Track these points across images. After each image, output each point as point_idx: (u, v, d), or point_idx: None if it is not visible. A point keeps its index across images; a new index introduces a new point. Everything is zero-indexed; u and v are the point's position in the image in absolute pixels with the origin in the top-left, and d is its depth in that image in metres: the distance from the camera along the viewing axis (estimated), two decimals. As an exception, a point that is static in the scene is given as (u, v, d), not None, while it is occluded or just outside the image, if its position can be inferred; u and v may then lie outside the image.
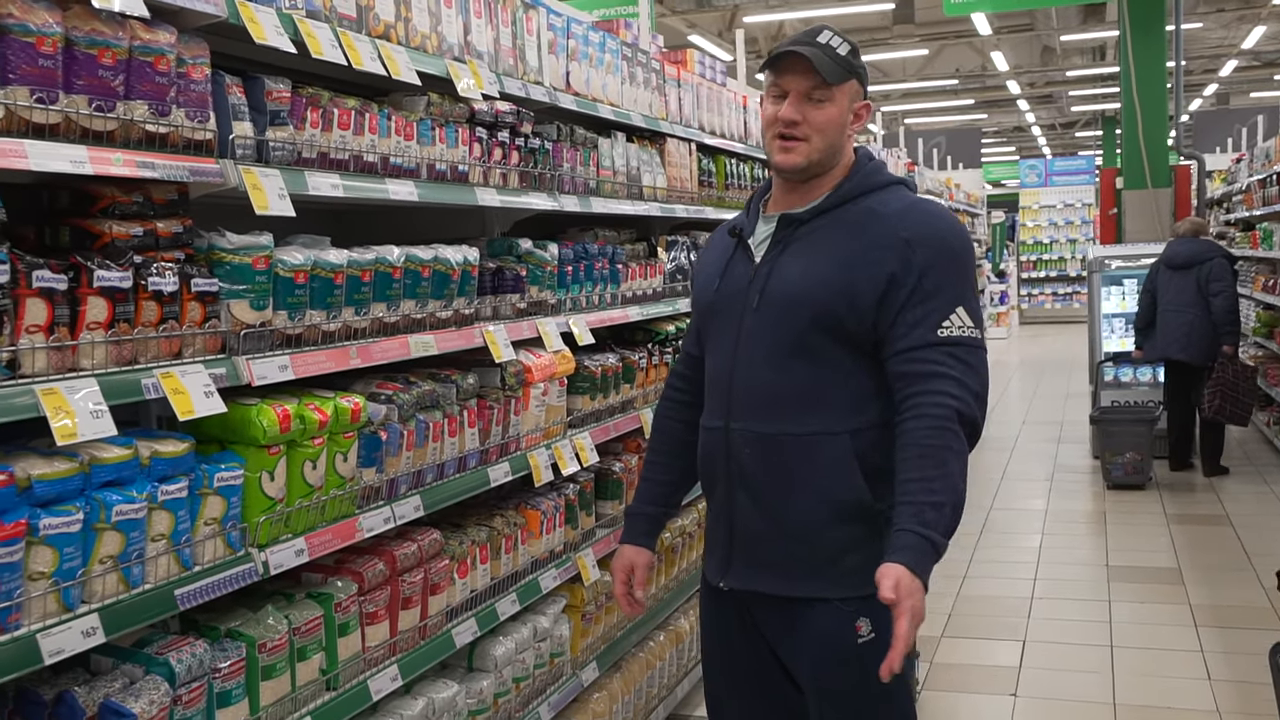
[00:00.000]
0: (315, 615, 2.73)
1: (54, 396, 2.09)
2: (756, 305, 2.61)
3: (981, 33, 18.97)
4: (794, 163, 2.61)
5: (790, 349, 2.57)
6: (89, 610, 2.16)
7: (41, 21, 2.12)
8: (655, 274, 4.61)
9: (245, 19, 2.50)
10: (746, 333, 2.63)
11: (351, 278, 2.83)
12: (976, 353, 2.52)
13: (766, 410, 2.59)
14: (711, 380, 2.74)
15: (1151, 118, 11.35)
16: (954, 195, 15.83)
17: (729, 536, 2.69)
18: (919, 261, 2.50)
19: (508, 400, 3.49)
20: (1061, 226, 26.81)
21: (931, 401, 2.45)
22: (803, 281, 2.57)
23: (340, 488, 2.78)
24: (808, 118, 2.59)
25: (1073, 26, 18.97)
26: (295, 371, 2.63)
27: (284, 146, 2.66)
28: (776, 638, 2.69)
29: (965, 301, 2.53)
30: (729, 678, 2.82)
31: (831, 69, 2.56)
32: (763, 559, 2.64)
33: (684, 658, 4.81)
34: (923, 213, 2.59)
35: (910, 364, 2.49)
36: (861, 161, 2.70)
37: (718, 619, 2.81)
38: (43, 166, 2.09)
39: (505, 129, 3.49)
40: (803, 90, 2.58)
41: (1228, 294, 8.92)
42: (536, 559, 3.68)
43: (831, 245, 2.58)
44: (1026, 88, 25.66)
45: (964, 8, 10.70)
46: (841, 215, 2.61)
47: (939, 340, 2.48)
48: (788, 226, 2.64)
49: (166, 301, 2.36)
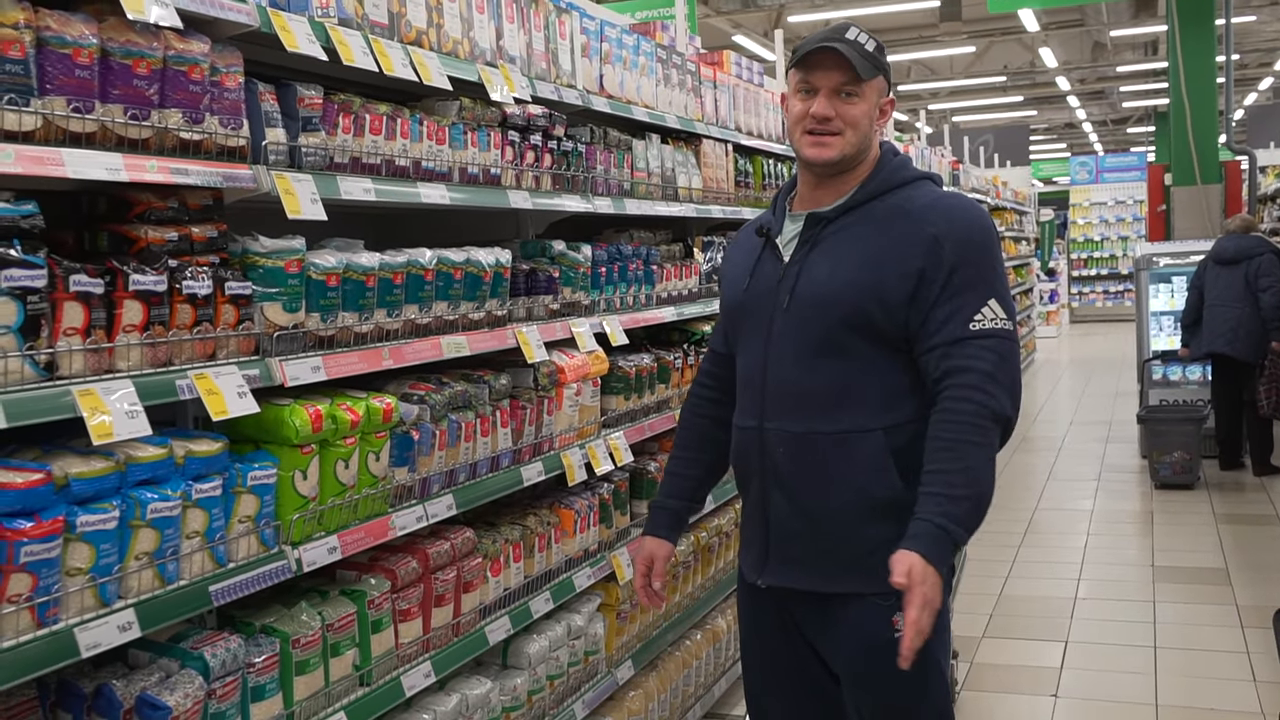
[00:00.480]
0: (349, 612, 2.78)
1: (90, 397, 2.15)
2: (787, 305, 2.64)
3: (1030, 29, 18.82)
4: (827, 157, 2.63)
5: (821, 348, 2.60)
6: (125, 605, 2.21)
7: (78, 33, 2.18)
8: (691, 274, 4.64)
9: (278, 28, 2.55)
10: (778, 332, 2.66)
11: (383, 280, 2.88)
12: (1008, 344, 2.54)
13: (799, 409, 2.63)
14: (743, 380, 2.77)
15: (1201, 113, 11.23)
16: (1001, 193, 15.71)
17: (765, 534, 2.72)
18: (948, 257, 2.53)
19: (540, 400, 3.53)
20: (1113, 224, 26.55)
21: (960, 396, 2.49)
22: (832, 281, 2.59)
23: (373, 486, 2.83)
24: (840, 113, 2.61)
25: (1124, 21, 18.75)
26: (328, 372, 2.68)
27: (316, 152, 2.71)
28: (814, 633, 2.72)
29: (996, 293, 2.55)
30: (768, 674, 2.85)
31: (863, 64, 2.59)
32: (799, 556, 2.68)
33: (721, 656, 4.83)
34: (949, 207, 2.61)
35: (943, 360, 2.52)
36: (886, 157, 2.73)
37: (756, 616, 2.84)
38: (79, 174, 2.15)
39: (538, 132, 3.53)
40: (834, 86, 2.61)
41: (1276, 289, 8.80)
42: (570, 557, 3.72)
43: (860, 243, 2.61)
44: (1077, 84, 25.40)
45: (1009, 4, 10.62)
46: (868, 212, 2.64)
47: (971, 334, 2.51)
48: (815, 225, 2.67)
49: (201, 304, 2.42)
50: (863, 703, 2.71)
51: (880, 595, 2.58)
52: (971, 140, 18.46)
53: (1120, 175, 26.82)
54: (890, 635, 2.58)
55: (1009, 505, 8.82)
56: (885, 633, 2.59)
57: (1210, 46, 11.36)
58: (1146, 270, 10.62)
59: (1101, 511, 8.59)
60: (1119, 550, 7.55)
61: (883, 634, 2.59)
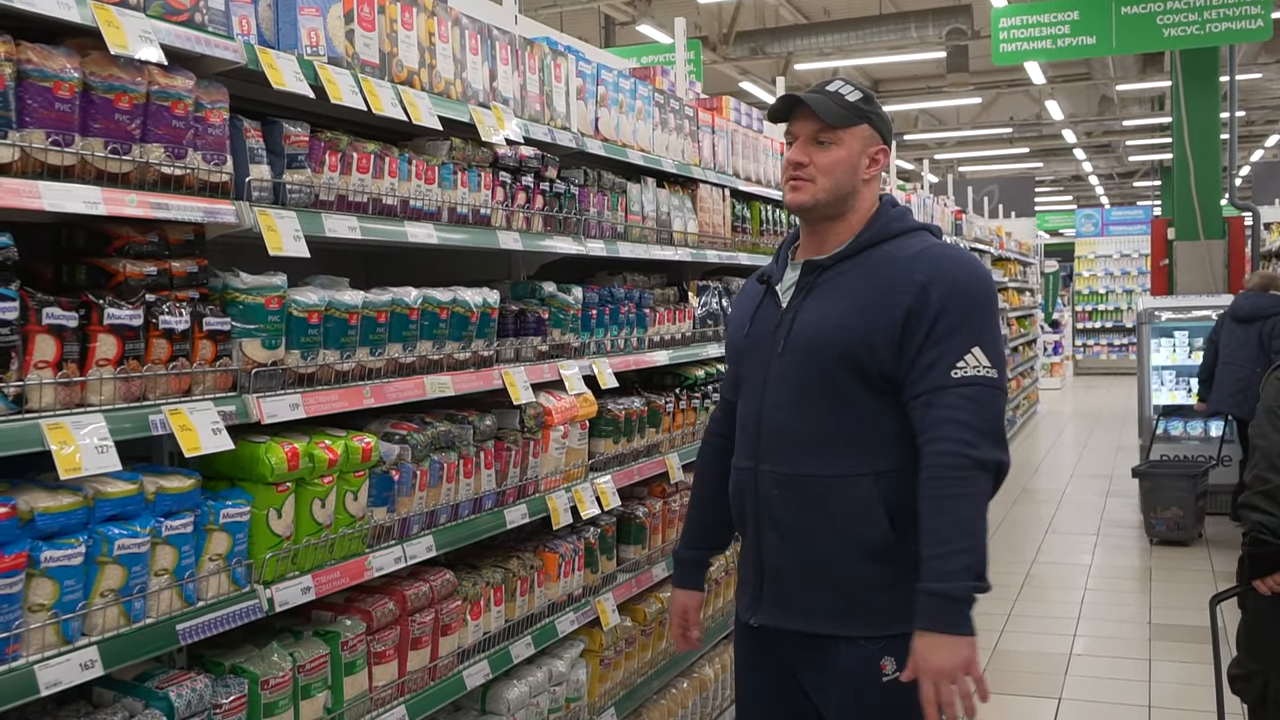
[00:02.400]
0: (321, 653, 2.74)
1: (60, 431, 2.13)
2: (781, 350, 2.69)
3: (1036, 81, 18.92)
4: (800, 200, 2.70)
5: (814, 392, 2.64)
6: (89, 643, 2.18)
7: (60, 67, 2.18)
8: (685, 319, 4.62)
9: (265, 65, 2.55)
10: (773, 376, 2.70)
11: (366, 318, 2.87)
12: (990, 392, 2.54)
13: (793, 452, 2.66)
14: (741, 422, 2.82)
15: (1204, 168, 11.22)
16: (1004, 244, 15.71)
17: (759, 574, 2.75)
18: (934, 304, 2.55)
19: (526, 442, 3.50)
20: (1118, 277, 26.54)
21: (940, 450, 2.50)
22: (822, 324, 2.64)
23: (350, 526, 2.80)
24: (814, 159, 2.68)
25: (1130, 76, 18.86)
26: (306, 410, 2.66)
27: (301, 189, 2.70)
28: (806, 675, 2.73)
29: (982, 342, 2.56)
30: (762, 715, 2.85)
31: (833, 113, 2.65)
32: (791, 596, 2.70)
33: (708, 705, 4.78)
34: (938, 256, 2.64)
35: (926, 409, 2.54)
36: (884, 208, 2.77)
37: (750, 655, 2.86)
38: (57, 207, 2.14)
39: (529, 173, 3.53)
40: (808, 134, 2.69)
41: None
42: (554, 602, 3.68)
43: (850, 290, 2.65)
44: (1083, 137, 25.51)
45: (1013, 57, 10.65)
46: (863, 260, 2.68)
47: (953, 382, 2.52)
48: (811, 272, 2.72)
49: (177, 340, 2.40)
50: None
51: (869, 639, 2.61)
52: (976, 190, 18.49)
53: (1126, 229, 26.84)
54: (879, 679, 2.60)
55: (1007, 558, 8.75)
56: (873, 676, 2.61)
57: (1214, 102, 11.38)
58: (1149, 324, 10.58)
59: (1100, 566, 8.52)
60: (1116, 607, 7.47)
61: (871, 677, 2.61)
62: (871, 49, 16.81)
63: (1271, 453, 3.56)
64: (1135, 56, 17.37)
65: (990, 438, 2.52)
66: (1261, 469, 3.57)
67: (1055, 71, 19.76)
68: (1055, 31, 10.43)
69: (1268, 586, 3.52)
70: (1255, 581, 3.56)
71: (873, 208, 2.75)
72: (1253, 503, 3.55)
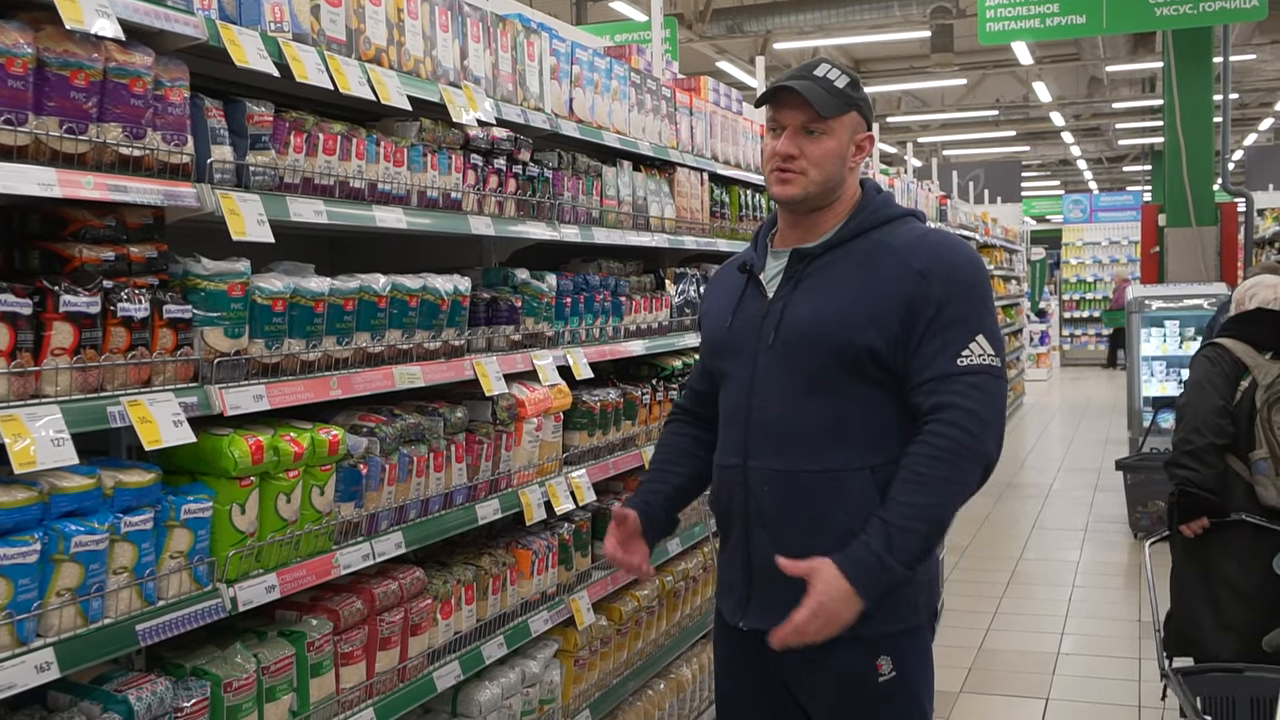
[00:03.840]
0: (286, 654, 2.66)
1: (13, 423, 2.04)
2: (771, 342, 2.62)
3: (1023, 62, 18.80)
4: (791, 194, 2.62)
5: (807, 385, 2.58)
6: (44, 644, 2.10)
7: (12, 42, 2.09)
8: (662, 307, 4.53)
9: (227, 41, 2.46)
10: (762, 369, 2.63)
11: (333, 306, 2.78)
12: (995, 381, 2.51)
13: (784, 447, 2.59)
14: (726, 417, 2.74)
15: (1196, 153, 11.09)
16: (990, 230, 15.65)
17: (747, 576, 2.68)
18: (935, 293, 2.50)
19: (499, 435, 3.42)
20: (1106, 264, 26.29)
21: (941, 431, 2.46)
22: (816, 317, 2.57)
23: (316, 522, 2.71)
24: (804, 151, 2.59)
25: (1120, 57, 18.68)
26: (271, 401, 2.57)
27: (265, 171, 2.61)
28: (794, 677, 2.67)
29: (984, 329, 2.52)
30: (746, 717, 2.79)
31: (827, 102, 2.57)
32: (782, 598, 2.58)
33: (686, 708, 4.69)
34: (934, 244, 2.59)
35: (930, 395, 2.50)
36: (869, 194, 2.70)
37: (735, 657, 2.79)
38: (9, 189, 2.05)
39: (502, 156, 3.43)
40: (798, 124, 2.59)
41: None
42: (527, 600, 3.60)
43: (844, 280, 2.59)
44: (1071, 119, 25.36)
45: (1001, 36, 10.51)
46: (852, 249, 2.62)
47: (959, 370, 2.48)
48: (799, 262, 2.65)
49: (136, 328, 2.31)
50: None
51: (863, 638, 2.55)
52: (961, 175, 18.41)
53: (1115, 215, 26.69)
54: (875, 678, 2.57)
55: (993, 555, 8.69)
56: (869, 675, 2.57)
57: (1208, 85, 11.25)
58: (1139, 313, 10.38)
59: (1088, 563, 8.43)
60: (1104, 604, 7.38)
61: (866, 676, 2.58)
62: (853, 28, 16.64)
63: (1195, 419, 4.28)
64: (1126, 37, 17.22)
65: (993, 429, 2.49)
66: (1186, 433, 4.30)
67: (1043, 52, 19.61)
68: (1044, 10, 10.26)
69: (1191, 530, 4.29)
70: (1181, 526, 4.30)
71: (856, 194, 2.69)
72: (1179, 462, 4.30)
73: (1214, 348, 4.41)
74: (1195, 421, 4.28)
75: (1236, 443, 4.25)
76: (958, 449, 2.44)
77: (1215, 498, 4.24)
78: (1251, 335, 4.38)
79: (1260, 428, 4.16)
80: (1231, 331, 4.46)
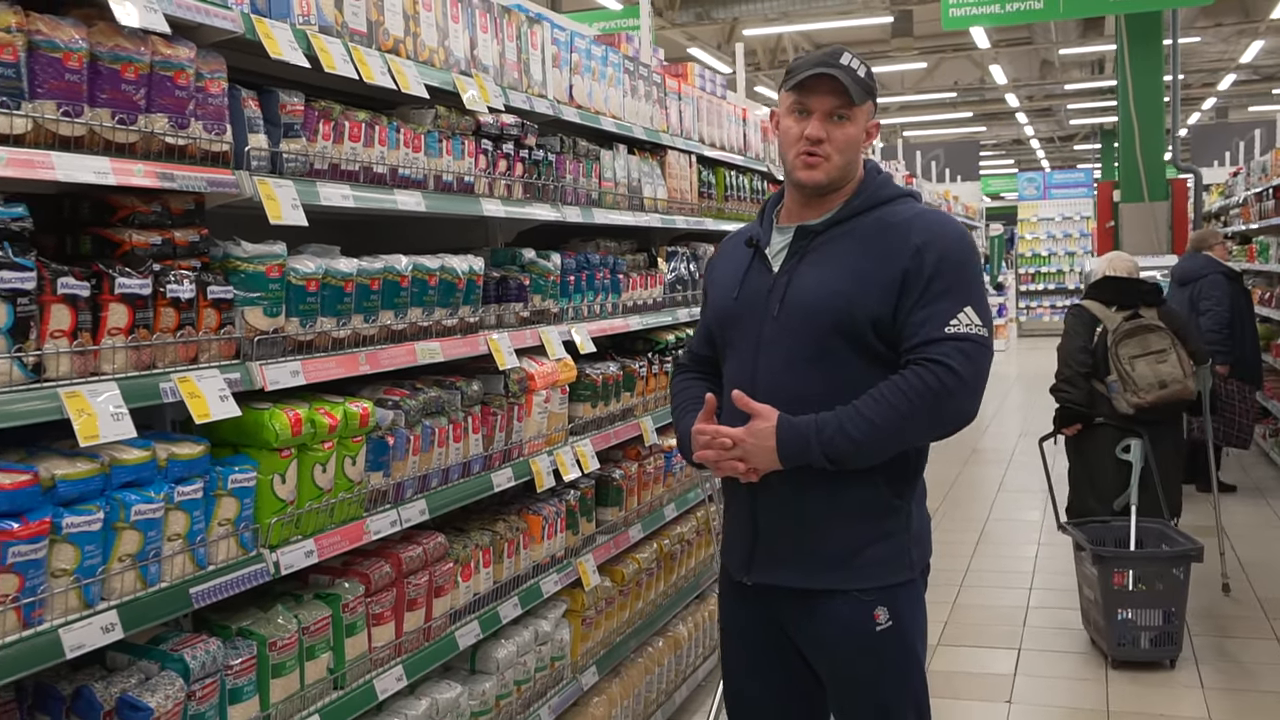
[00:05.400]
0: (324, 615, 2.80)
1: (76, 399, 2.16)
2: (777, 313, 2.73)
3: (980, 46, 19.08)
4: (816, 179, 2.73)
5: (810, 355, 2.69)
6: (108, 606, 2.23)
7: (68, 38, 2.20)
8: (655, 284, 4.69)
9: (261, 34, 2.58)
10: (768, 340, 2.74)
11: (361, 286, 2.91)
12: (981, 349, 2.62)
13: (789, 414, 2.68)
14: (731, 385, 2.83)
15: (1149, 131, 11.41)
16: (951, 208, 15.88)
17: (752, 534, 2.81)
18: (928, 266, 2.62)
19: (511, 407, 3.56)
20: (1060, 239, 26.78)
21: (915, 373, 2.59)
22: (820, 290, 2.69)
23: (348, 491, 2.85)
24: (831, 136, 2.71)
25: (1071, 40, 19.08)
26: (306, 377, 2.70)
27: (297, 158, 2.74)
28: (796, 629, 2.80)
29: (973, 301, 2.64)
30: (753, 671, 2.92)
31: (857, 90, 2.69)
32: (785, 555, 2.77)
33: (682, 664, 4.88)
34: (931, 220, 2.73)
35: (917, 355, 2.60)
36: (871, 174, 2.82)
37: (740, 614, 2.92)
38: (70, 177, 2.17)
39: (510, 141, 3.57)
40: (828, 109, 2.70)
41: (1214, 313, 8.60)
42: (538, 563, 3.75)
43: (847, 255, 2.70)
44: (1025, 101, 25.75)
45: (963, 22, 10.74)
46: (854, 226, 2.74)
47: (947, 335, 2.59)
48: (804, 237, 2.76)
49: (184, 308, 2.44)
50: (843, 695, 2.81)
51: (862, 590, 2.70)
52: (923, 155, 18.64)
53: (1068, 191, 27.09)
54: (873, 628, 2.70)
55: (961, 515, 8.93)
56: (867, 625, 2.71)
57: (1158, 65, 11.55)
58: (1093, 284, 10.74)
59: (1051, 522, 8.67)
60: (1068, 560, 7.59)
61: (864, 626, 2.71)
62: (818, 14, 16.86)
63: (1066, 356, 6.14)
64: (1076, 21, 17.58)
65: (969, 388, 2.61)
66: (1061, 366, 6.16)
67: (999, 36, 19.92)
68: (1003, -5, 10.54)
69: (1068, 432, 6.18)
70: (1063, 430, 6.18)
71: (859, 175, 2.81)
72: (1059, 387, 6.14)
73: (1078, 307, 6.23)
74: (1066, 358, 6.12)
75: (1097, 371, 5.99)
76: (924, 391, 2.55)
77: (1084, 409, 6.02)
78: (1102, 296, 6.20)
79: (1111, 359, 5.91)
80: (1089, 294, 6.31)
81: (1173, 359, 5.89)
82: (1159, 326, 5.97)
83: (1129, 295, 6.17)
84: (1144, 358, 5.90)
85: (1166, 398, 5.86)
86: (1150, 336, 5.93)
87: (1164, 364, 5.88)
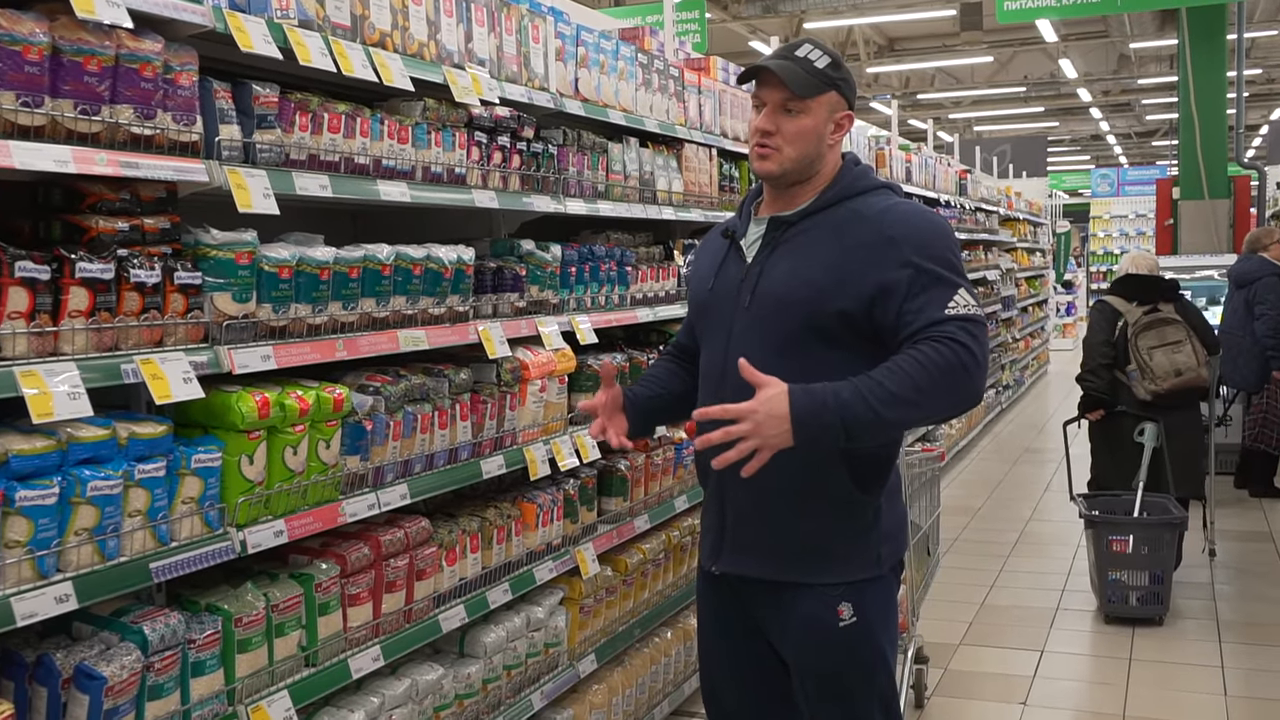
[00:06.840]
0: (295, 594, 2.86)
1: (33, 378, 2.24)
2: (748, 304, 2.75)
3: (1048, 40, 18.79)
4: (768, 169, 2.76)
5: (780, 346, 2.70)
6: (63, 578, 2.30)
7: (29, 31, 2.27)
8: (669, 276, 4.70)
9: (233, 28, 2.64)
10: (739, 330, 2.76)
11: (338, 274, 2.96)
12: (981, 329, 2.59)
13: None
14: (705, 376, 2.88)
15: (1209, 127, 11.20)
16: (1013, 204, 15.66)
17: (721, 523, 2.84)
18: (911, 257, 2.60)
19: (503, 396, 3.60)
20: (1133, 237, 26.29)
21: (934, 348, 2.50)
22: (790, 281, 2.70)
23: (323, 473, 2.91)
24: (781, 128, 2.72)
25: (1148, 33, 18.66)
26: (278, 361, 2.76)
27: (271, 149, 2.80)
28: (764, 620, 2.84)
29: (963, 285, 2.61)
30: (723, 660, 2.96)
31: (803, 82, 2.69)
32: (752, 545, 2.80)
33: (691, 655, 4.89)
34: (904, 211, 2.71)
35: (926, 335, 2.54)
36: (847, 166, 2.82)
37: (711, 602, 2.96)
38: (27, 165, 2.24)
39: (505, 133, 3.61)
40: (776, 102, 2.72)
41: (1268, 317, 8.48)
42: (532, 551, 3.79)
43: (819, 247, 2.71)
44: (1099, 95, 25.30)
45: (1019, 15, 10.60)
46: (827, 218, 2.74)
47: (949, 317, 2.54)
48: (777, 229, 2.78)
49: (149, 292, 2.51)
50: (808, 687, 2.82)
51: (827, 585, 2.72)
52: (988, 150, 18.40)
53: (1142, 189, 26.52)
54: (836, 623, 2.72)
55: (1005, 515, 8.85)
56: (830, 620, 2.72)
57: (1221, 61, 11.33)
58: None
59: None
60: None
61: (828, 620, 2.72)
62: (883, 7, 16.74)
63: (1090, 349, 6.75)
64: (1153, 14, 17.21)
65: (983, 370, 2.56)
66: (1085, 358, 6.78)
67: (1069, 29, 19.62)
68: (1060, -11, 10.38)
69: (1092, 417, 6.79)
70: (1086, 415, 6.81)
71: (836, 166, 2.81)
72: (1084, 376, 6.73)
73: (1101, 301, 6.86)
74: (1090, 350, 6.75)
75: (1119, 361, 6.60)
76: (944, 365, 2.48)
77: (1107, 396, 6.66)
78: (1124, 291, 6.77)
79: (1131, 350, 6.50)
80: (1113, 289, 6.91)
81: (1187, 349, 6.43)
82: (1175, 320, 6.52)
83: (1149, 290, 6.71)
84: (1161, 348, 6.44)
85: (1181, 385, 6.41)
86: (1167, 329, 6.48)
87: (1179, 354, 6.41)
